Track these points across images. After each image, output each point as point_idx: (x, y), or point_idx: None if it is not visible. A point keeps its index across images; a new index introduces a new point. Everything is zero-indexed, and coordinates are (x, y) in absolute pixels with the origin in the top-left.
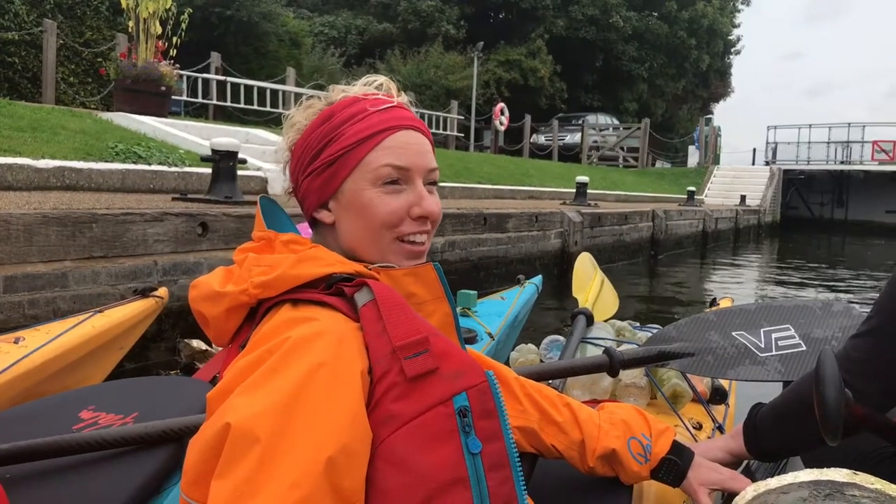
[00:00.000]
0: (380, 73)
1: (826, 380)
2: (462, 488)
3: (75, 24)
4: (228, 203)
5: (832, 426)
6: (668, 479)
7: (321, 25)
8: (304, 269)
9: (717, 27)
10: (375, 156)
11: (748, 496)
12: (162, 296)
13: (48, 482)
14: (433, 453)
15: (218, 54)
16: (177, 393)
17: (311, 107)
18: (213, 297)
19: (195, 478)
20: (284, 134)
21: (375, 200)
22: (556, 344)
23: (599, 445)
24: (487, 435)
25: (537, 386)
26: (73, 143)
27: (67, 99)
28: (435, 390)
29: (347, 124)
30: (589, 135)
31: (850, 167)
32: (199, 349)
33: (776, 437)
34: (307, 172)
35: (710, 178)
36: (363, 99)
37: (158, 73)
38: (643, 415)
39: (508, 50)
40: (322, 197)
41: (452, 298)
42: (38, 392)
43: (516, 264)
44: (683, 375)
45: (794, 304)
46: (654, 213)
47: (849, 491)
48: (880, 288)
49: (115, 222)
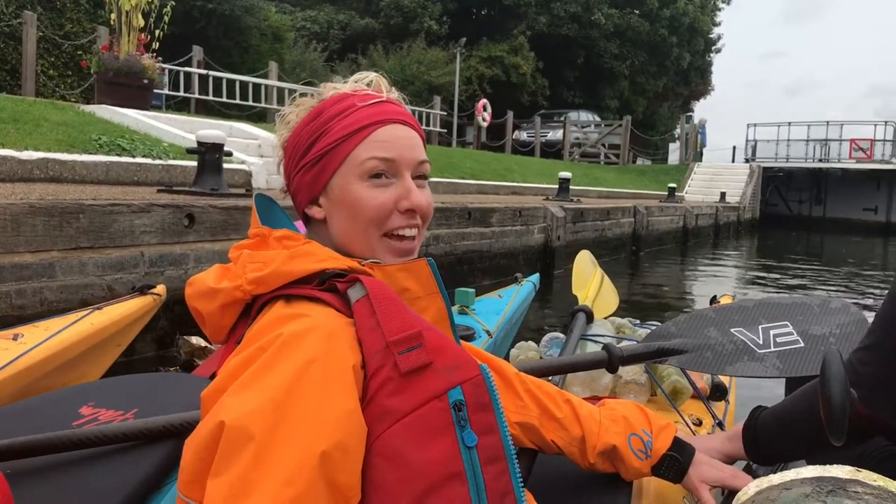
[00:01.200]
0: (362, 69)
1: (831, 379)
2: (458, 482)
3: (55, 17)
4: (214, 195)
5: (837, 425)
6: (670, 475)
7: (303, 20)
8: (296, 264)
9: (697, 25)
10: (362, 150)
11: (750, 492)
12: (160, 293)
13: (50, 477)
14: (429, 448)
15: (200, 48)
16: (176, 389)
17: (302, 104)
18: (208, 293)
19: (192, 477)
20: (277, 131)
21: (363, 195)
22: (555, 341)
23: (600, 441)
24: (483, 428)
25: (538, 382)
26: (56, 134)
27: (48, 92)
28: (429, 384)
29: (335, 120)
30: (571, 131)
31: (828, 165)
32: (199, 346)
33: (778, 444)
34: (298, 168)
35: (691, 176)
36: (352, 95)
37: (141, 66)
38: (644, 411)
39: (491, 46)
40: (312, 193)
41: (446, 293)
42: (36, 388)
43: (500, 259)
44: (683, 372)
45: (792, 301)
46: (635, 209)
47: (851, 487)
48: (870, 288)
49: (102, 213)
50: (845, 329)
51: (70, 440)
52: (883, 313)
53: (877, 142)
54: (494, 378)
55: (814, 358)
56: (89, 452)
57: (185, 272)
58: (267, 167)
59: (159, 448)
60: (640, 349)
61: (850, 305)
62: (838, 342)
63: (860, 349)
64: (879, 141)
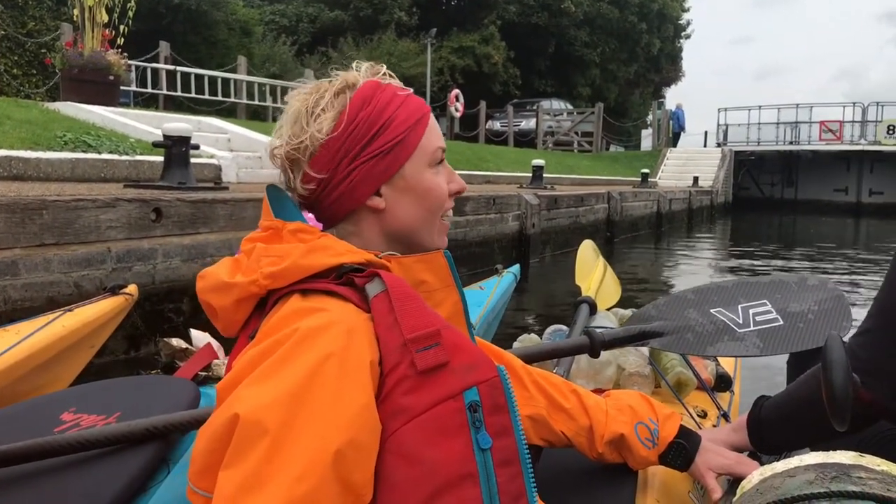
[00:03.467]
0: (333, 62)
1: (833, 364)
2: (471, 484)
3: (17, 14)
4: (182, 189)
5: (840, 410)
6: (677, 463)
7: (272, 14)
8: (314, 258)
9: (666, 11)
10: (427, 138)
11: (754, 480)
12: (132, 293)
13: (33, 484)
14: (442, 447)
15: (167, 44)
16: (159, 391)
17: (323, 94)
18: (221, 287)
19: (203, 468)
20: (305, 124)
21: (434, 181)
22: (559, 333)
23: (608, 431)
24: (498, 430)
25: (544, 374)
26: (19, 132)
27: (11, 91)
28: (445, 384)
29: (393, 108)
30: (544, 120)
31: (798, 147)
32: (180, 347)
33: (782, 432)
34: (363, 159)
35: (664, 161)
36: (387, 85)
37: (106, 62)
38: (648, 400)
39: (461, 37)
40: (379, 183)
41: (461, 286)
42: (9, 393)
43: (474, 247)
44: (688, 363)
45: (770, 279)
46: (609, 195)
47: (855, 473)
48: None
49: (67, 209)
50: (823, 305)
51: (52, 446)
52: (882, 297)
53: (846, 123)
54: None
55: (793, 335)
56: (73, 458)
57: (153, 267)
58: (237, 161)
59: (144, 451)
60: (620, 333)
61: (828, 282)
62: (817, 318)
63: (860, 333)
64: (848, 122)
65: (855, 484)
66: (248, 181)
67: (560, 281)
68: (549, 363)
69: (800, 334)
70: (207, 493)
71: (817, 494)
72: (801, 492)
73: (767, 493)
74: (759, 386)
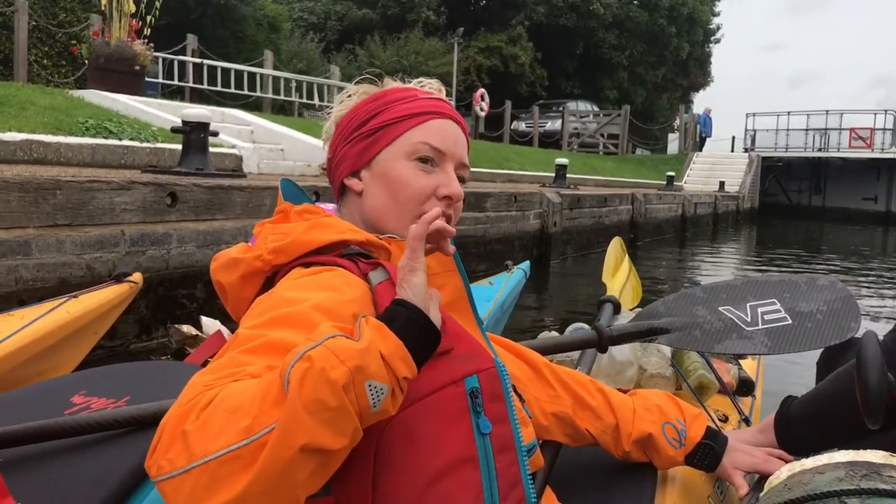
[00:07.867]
0: (359, 60)
1: (868, 362)
2: (472, 467)
3: (48, 6)
4: (199, 175)
5: (875, 408)
6: (704, 464)
7: (300, 11)
8: (316, 234)
9: (696, 15)
10: (417, 133)
11: (783, 476)
12: (136, 281)
13: (43, 465)
14: (445, 431)
15: (194, 36)
16: (168, 377)
17: (363, 88)
18: (229, 264)
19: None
20: (334, 111)
21: (407, 173)
22: (580, 332)
23: (635, 429)
24: (496, 417)
25: (569, 371)
26: (42, 118)
27: (41, 81)
28: (448, 370)
29: (397, 103)
30: (569, 121)
31: (827, 154)
32: (190, 334)
33: (812, 431)
34: (348, 139)
35: (690, 165)
36: (416, 88)
37: (132, 52)
38: (675, 400)
39: (489, 37)
40: (357, 164)
41: (465, 272)
42: (13, 377)
43: (495, 244)
44: (710, 366)
45: (779, 279)
46: (633, 197)
47: (886, 472)
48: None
49: (81, 189)
50: (832, 305)
51: (63, 428)
52: None
53: (877, 131)
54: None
55: (802, 335)
56: (82, 440)
57: (167, 252)
58: (258, 152)
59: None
60: (629, 328)
61: (837, 282)
62: (826, 318)
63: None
64: (879, 130)
65: (885, 482)
66: (269, 172)
67: (582, 281)
68: (570, 363)
69: (808, 334)
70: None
71: (847, 491)
72: (831, 488)
73: (796, 489)
74: (782, 391)
